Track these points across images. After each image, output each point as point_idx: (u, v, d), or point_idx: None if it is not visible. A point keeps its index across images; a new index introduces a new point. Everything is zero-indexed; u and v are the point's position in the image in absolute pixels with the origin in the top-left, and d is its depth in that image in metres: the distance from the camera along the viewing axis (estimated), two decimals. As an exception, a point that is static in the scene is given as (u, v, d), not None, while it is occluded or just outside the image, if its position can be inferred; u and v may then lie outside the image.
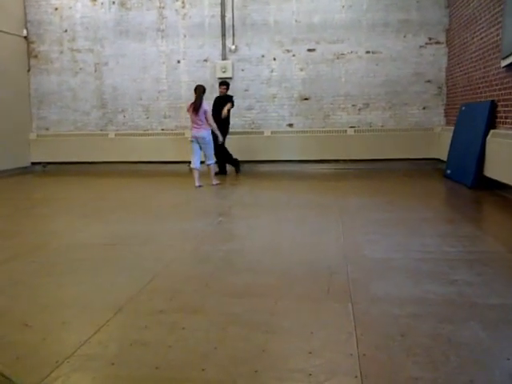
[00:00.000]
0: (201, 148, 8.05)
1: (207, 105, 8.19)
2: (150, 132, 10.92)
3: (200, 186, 7.90)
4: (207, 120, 8.01)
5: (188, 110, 8.15)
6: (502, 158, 6.52)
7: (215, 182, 8.10)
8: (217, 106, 9.19)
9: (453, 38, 9.53)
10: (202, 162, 8.14)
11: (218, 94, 9.58)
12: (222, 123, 9.08)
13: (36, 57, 11.15)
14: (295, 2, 10.22)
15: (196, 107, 7.91)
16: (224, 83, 9.55)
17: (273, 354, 2.39)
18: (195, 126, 7.98)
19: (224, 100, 9.32)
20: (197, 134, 7.95)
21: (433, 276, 3.46)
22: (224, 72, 10.43)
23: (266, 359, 2.35)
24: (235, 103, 9.56)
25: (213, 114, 8.70)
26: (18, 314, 2.94)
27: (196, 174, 7.98)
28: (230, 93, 9.58)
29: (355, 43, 10.17)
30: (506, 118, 6.75)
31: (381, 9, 10.02)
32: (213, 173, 8.11)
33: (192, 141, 8.08)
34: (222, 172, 9.49)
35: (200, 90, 8.00)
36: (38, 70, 11.16)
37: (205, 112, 7.97)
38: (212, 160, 8.13)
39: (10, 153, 10.50)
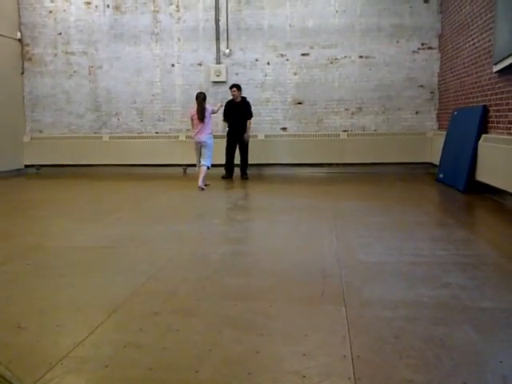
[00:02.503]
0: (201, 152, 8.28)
1: (210, 106, 8.45)
2: (144, 135, 10.91)
3: (205, 185, 8.11)
4: (213, 112, 8.36)
5: (192, 116, 8.33)
6: (494, 163, 6.57)
7: (201, 183, 8.02)
8: (234, 111, 9.21)
9: (445, 44, 9.61)
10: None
11: (213, 98, 9.59)
12: (244, 130, 9.33)
13: (30, 59, 11.12)
14: (289, 6, 10.27)
15: (201, 117, 8.15)
16: (234, 85, 9.38)
17: (267, 356, 2.40)
18: (198, 131, 8.20)
19: (242, 107, 9.31)
20: (198, 139, 8.21)
21: (426, 279, 3.48)
22: (218, 76, 10.45)
23: (260, 361, 2.35)
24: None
25: (228, 119, 9.04)
26: (12, 315, 2.93)
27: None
28: (223, 97, 9.57)
29: (348, 48, 10.23)
30: (498, 122, 6.81)
31: (374, 14, 10.08)
32: (203, 175, 8.07)
33: (195, 144, 8.35)
34: (228, 175, 9.52)
35: (201, 98, 8.20)
36: (32, 72, 11.13)
37: (210, 115, 8.27)
38: (207, 162, 8.20)
39: (4, 155, 10.45)
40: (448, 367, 2.28)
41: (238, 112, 9.27)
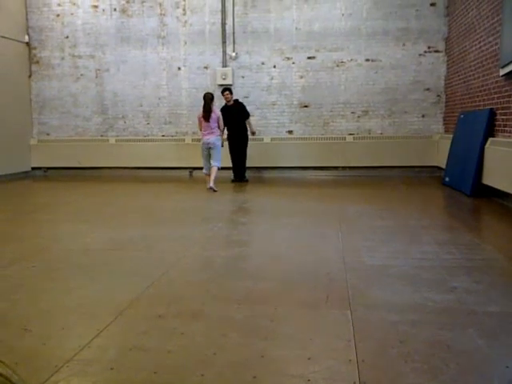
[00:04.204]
0: (210, 154, 8.38)
1: (218, 110, 8.60)
2: (150, 138, 10.95)
3: (211, 188, 8.19)
4: (219, 126, 8.43)
5: (199, 118, 8.46)
6: (501, 166, 6.54)
7: (212, 184, 8.14)
8: (230, 116, 9.20)
9: (452, 47, 9.59)
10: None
11: (219, 101, 9.57)
12: (242, 132, 9.34)
13: (37, 62, 11.20)
14: (295, 10, 10.29)
15: (206, 115, 8.27)
16: (227, 89, 9.40)
17: (272, 360, 2.40)
18: (206, 132, 8.32)
19: (237, 110, 9.33)
20: (207, 140, 8.30)
21: (432, 283, 3.47)
22: (224, 79, 10.48)
23: (265, 365, 2.35)
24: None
25: (225, 123, 9.01)
26: (18, 318, 2.94)
27: (208, 178, 8.41)
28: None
29: (355, 51, 10.23)
30: (505, 126, 6.78)
31: (380, 17, 10.08)
32: (213, 176, 8.25)
33: (203, 147, 8.41)
34: (239, 179, 9.52)
35: (208, 98, 8.32)
36: (40, 75, 11.21)
37: (217, 118, 8.37)
38: (217, 163, 8.35)
39: (11, 158, 10.53)
40: (454, 372, 2.27)
41: (234, 115, 9.25)
